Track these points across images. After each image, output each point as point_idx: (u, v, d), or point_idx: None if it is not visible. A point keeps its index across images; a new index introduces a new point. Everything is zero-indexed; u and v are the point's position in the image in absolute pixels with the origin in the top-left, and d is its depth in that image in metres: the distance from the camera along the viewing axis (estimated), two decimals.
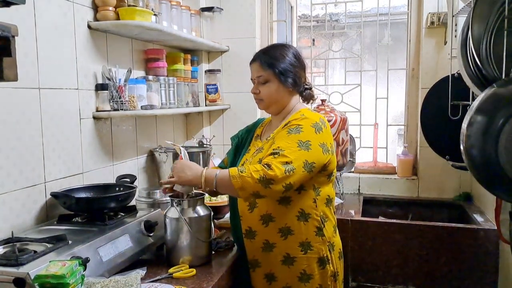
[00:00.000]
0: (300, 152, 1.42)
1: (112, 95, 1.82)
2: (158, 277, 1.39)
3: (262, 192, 1.37)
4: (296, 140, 1.44)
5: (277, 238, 1.52)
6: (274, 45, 1.73)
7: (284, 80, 1.57)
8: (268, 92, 1.59)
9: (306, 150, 1.43)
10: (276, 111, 1.65)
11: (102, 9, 1.78)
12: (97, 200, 1.58)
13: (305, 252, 1.52)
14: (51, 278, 1.02)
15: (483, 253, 2.11)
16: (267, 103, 1.62)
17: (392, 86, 2.90)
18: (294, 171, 1.38)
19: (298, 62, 1.61)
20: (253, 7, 2.70)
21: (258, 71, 1.60)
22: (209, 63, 2.80)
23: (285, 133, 1.48)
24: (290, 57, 1.59)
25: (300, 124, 1.48)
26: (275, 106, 1.63)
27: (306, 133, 1.47)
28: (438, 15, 2.56)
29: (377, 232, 2.25)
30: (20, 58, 1.34)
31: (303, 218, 1.52)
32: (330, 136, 1.55)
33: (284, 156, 1.39)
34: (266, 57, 1.59)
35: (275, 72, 1.56)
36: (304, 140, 1.44)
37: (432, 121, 2.36)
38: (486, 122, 1.48)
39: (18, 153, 1.44)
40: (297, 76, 1.59)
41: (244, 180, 1.36)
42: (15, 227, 1.42)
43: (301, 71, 1.63)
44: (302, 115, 1.53)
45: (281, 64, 1.57)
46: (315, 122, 1.50)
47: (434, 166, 2.64)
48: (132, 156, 2.12)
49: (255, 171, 1.36)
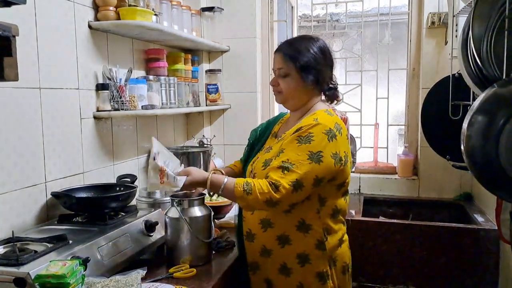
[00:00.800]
0: (311, 165, 1.34)
1: (112, 95, 1.82)
2: (159, 277, 1.39)
3: (264, 208, 1.38)
4: (306, 151, 1.35)
5: (275, 246, 1.46)
6: (302, 37, 1.59)
7: (305, 76, 1.47)
8: (287, 86, 1.50)
9: (317, 163, 1.34)
10: (294, 107, 1.56)
11: (103, 9, 1.78)
12: (98, 200, 1.58)
13: (302, 264, 1.44)
14: (51, 278, 1.02)
15: (483, 253, 2.11)
16: (285, 97, 1.53)
17: (393, 86, 2.90)
18: (303, 189, 1.33)
19: (323, 58, 1.50)
20: (253, 7, 2.70)
21: (280, 62, 1.51)
22: (210, 63, 2.80)
23: (295, 143, 1.38)
24: (315, 52, 1.48)
25: (311, 132, 1.37)
26: (293, 102, 1.54)
27: (318, 142, 1.36)
28: (439, 15, 2.56)
29: (377, 232, 2.25)
30: (21, 58, 1.34)
31: (303, 229, 1.43)
32: (344, 143, 1.43)
33: (293, 172, 1.33)
34: (290, 49, 1.49)
35: (296, 66, 1.46)
36: (316, 151, 1.35)
37: (433, 121, 2.36)
38: (486, 122, 1.48)
39: (18, 152, 1.44)
40: (320, 74, 1.48)
41: (249, 202, 1.35)
42: (16, 226, 1.42)
43: (326, 68, 1.52)
44: (315, 119, 1.41)
45: (304, 58, 1.46)
46: (329, 129, 1.38)
47: (435, 166, 2.63)
48: (133, 156, 2.12)
49: (261, 192, 1.32)
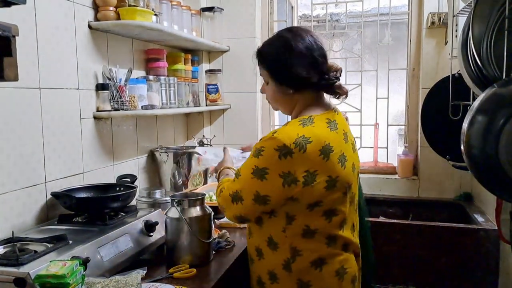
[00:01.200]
0: (252, 180, 1.24)
1: (112, 95, 1.82)
2: (158, 277, 1.39)
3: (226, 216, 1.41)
4: (252, 166, 1.25)
5: (254, 256, 1.40)
6: (277, 36, 1.40)
7: (281, 80, 1.33)
8: (268, 93, 1.40)
9: (259, 179, 1.23)
10: (286, 113, 1.43)
11: (103, 9, 1.78)
12: (98, 200, 1.58)
13: (272, 282, 1.34)
14: (51, 278, 1.02)
15: (483, 253, 2.11)
16: (273, 105, 1.45)
17: (393, 86, 2.90)
18: (242, 202, 1.27)
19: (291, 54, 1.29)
20: (253, 7, 2.70)
21: (260, 70, 1.40)
22: (210, 63, 2.80)
23: (251, 153, 1.29)
24: (279, 50, 1.31)
25: (263, 146, 1.24)
26: (282, 108, 1.42)
27: (266, 158, 1.22)
28: (439, 15, 2.56)
29: (377, 232, 2.25)
30: (21, 58, 1.34)
31: (271, 245, 1.32)
32: (306, 163, 1.22)
33: (237, 183, 1.30)
34: (260, 55, 1.38)
35: (269, 72, 1.35)
36: (261, 166, 1.23)
37: (433, 121, 2.36)
38: (486, 122, 1.48)
39: (18, 153, 1.44)
40: (291, 73, 1.29)
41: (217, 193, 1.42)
42: (16, 226, 1.42)
43: (309, 67, 1.29)
44: (274, 133, 1.24)
45: (271, 61, 1.33)
46: (282, 145, 1.20)
47: (435, 166, 2.64)
48: (133, 156, 2.12)
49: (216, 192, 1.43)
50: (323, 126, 1.28)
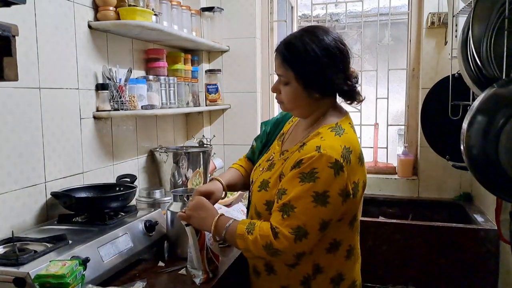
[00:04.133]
0: (315, 209, 1.14)
1: (112, 95, 1.82)
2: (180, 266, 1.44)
3: (269, 258, 1.21)
4: (310, 193, 1.14)
5: (261, 270, 1.35)
6: (304, 32, 1.28)
7: (307, 84, 1.24)
8: (288, 95, 1.29)
9: (323, 205, 1.14)
10: (302, 116, 1.36)
11: (103, 9, 1.78)
12: (98, 200, 1.58)
13: None
14: (51, 278, 1.02)
15: (483, 253, 2.11)
16: (288, 107, 1.33)
17: (393, 86, 2.90)
18: (307, 237, 1.14)
19: (331, 60, 1.23)
20: (253, 7, 2.70)
21: (279, 68, 1.28)
22: (210, 63, 2.80)
23: (297, 181, 1.17)
24: (316, 53, 1.22)
25: (315, 168, 1.15)
26: (299, 111, 1.33)
27: (323, 180, 1.14)
28: (439, 15, 2.56)
29: (377, 232, 2.25)
30: (21, 58, 1.34)
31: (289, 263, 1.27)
32: (354, 171, 1.20)
33: (295, 218, 1.14)
34: (288, 52, 1.25)
35: (296, 74, 1.24)
36: (321, 190, 1.14)
37: (433, 121, 2.36)
38: (486, 122, 1.48)
39: (18, 152, 1.44)
40: (326, 78, 1.23)
41: (248, 243, 1.18)
42: (16, 226, 1.42)
43: (336, 70, 1.24)
44: (317, 148, 1.16)
45: (302, 63, 1.23)
46: (334, 161, 1.15)
47: (435, 166, 2.64)
48: (133, 156, 2.12)
49: (261, 234, 1.16)
50: (352, 131, 1.28)
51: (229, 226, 1.23)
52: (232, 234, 1.22)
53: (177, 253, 1.54)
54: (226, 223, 1.25)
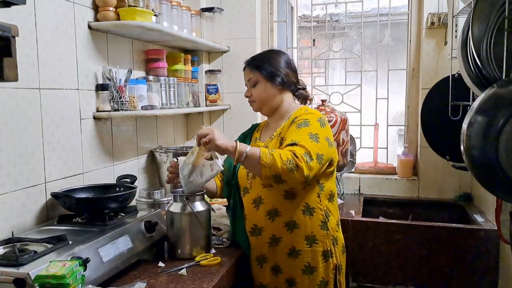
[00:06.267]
0: (312, 143, 1.46)
1: (112, 96, 1.82)
2: (186, 265, 1.45)
3: (284, 177, 1.39)
4: (307, 133, 1.49)
5: (284, 232, 1.57)
6: (263, 52, 1.84)
7: (271, 79, 1.65)
8: (258, 93, 1.67)
9: (316, 142, 1.47)
10: (269, 112, 1.72)
11: (103, 9, 1.78)
12: (98, 200, 1.58)
13: (310, 245, 1.57)
14: (51, 278, 1.02)
15: (483, 253, 2.11)
16: (259, 104, 1.69)
17: (393, 87, 2.90)
18: (312, 162, 1.42)
19: (286, 64, 1.68)
20: (253, 7, 2.70)
21: (248, 74, 1.69)
22: (210, 64, 2.80)
23: (294, 128, 1.54)
24: (276, 59, 1.68)
25: (307, 118, 1.55)
26: (267, 107, 1.69)
27: (314, 126, 1.53)
28: (439, 16, 2.56)
29: (377, 232, 2.25)
30: (21, 58, 1.35)
31: (308, 212, 1.56)
32: (331, 132, 1.62)
33: (302, 147, 1.43)
34: (254, 61, 1.69)
35: (262, 73, 1.65)
36: (314, 132, 1.50)
37: (433, 122, 2.36)
38: (486, 123, 1.48)
39: (18, 153, 1.44)
40: (285, 76, 1.66)
41: (273, 158, 1.38)
42: (16, 227, 1.42)
43: (290, 71, 1.69)
44: (306, 110, 1.62)
45: (267, 65, 1.65)
46: (319, 117, 1.58)
47: (434, 166, 2.63)
48: (133, 157, 2.12)
49: (283, 153, 1.40)
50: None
51: (249, 149, 1.44)
52: (254, 151, 1.42)
53: (177, 254, 1.55)
54: (246, 147, 1.45)
